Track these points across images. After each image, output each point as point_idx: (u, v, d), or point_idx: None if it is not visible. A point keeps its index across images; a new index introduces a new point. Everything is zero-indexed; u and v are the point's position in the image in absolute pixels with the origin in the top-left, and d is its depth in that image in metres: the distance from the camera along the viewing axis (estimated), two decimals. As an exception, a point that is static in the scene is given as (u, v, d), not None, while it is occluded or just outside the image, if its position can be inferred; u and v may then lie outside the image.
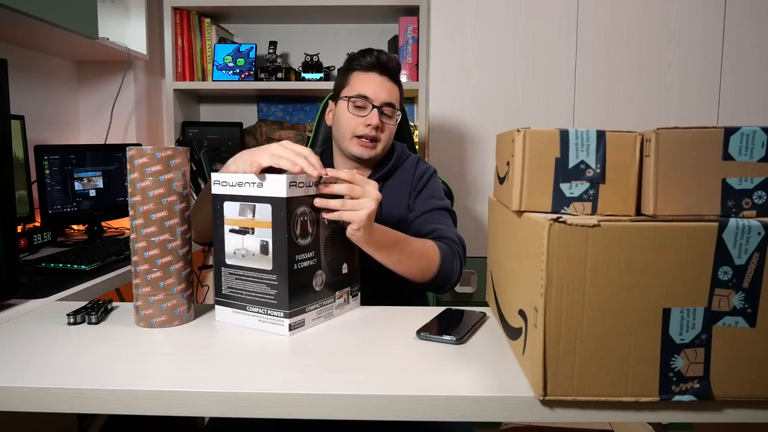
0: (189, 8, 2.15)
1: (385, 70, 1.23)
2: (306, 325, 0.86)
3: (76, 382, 0.67)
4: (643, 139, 0.69)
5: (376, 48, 1.26)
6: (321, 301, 0.89)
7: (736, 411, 0.64)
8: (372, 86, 1.21)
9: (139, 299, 0.87)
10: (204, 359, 0.74)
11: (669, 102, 1.84)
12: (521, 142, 0.71)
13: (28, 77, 1.85)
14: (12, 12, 1.33)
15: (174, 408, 0.66)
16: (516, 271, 0.76)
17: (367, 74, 1.23)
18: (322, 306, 0.89)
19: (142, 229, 0.85)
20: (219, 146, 2.24)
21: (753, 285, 0.61)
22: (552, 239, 0.61)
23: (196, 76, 2.19)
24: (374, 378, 0.69)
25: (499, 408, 0.65)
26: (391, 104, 1.22)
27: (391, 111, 1.23)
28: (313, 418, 0.65)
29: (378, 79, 1.22)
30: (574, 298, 0.62)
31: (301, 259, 0.84)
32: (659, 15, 1.82)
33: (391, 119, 1.24)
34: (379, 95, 1.21)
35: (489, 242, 0.97)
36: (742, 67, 1.82)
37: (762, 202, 0.66)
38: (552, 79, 1.85)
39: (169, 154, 0.85)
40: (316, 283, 0.87)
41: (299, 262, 0.84)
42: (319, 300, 0.88)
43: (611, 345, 0.62)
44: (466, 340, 0.82)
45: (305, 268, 0.85)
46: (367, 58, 1.23)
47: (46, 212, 1.65)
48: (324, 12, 2.19)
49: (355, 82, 1.23)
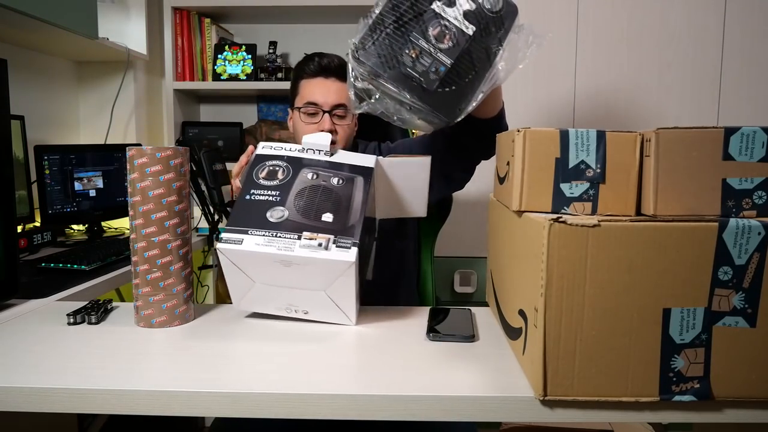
0: (189, 8, 2.15)
1: (329, 72, 1.24)
2: (244, 245, 0.81)
3: (76, 382, 0.67)
4: (643, 139, 0.69)
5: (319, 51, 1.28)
6: (275, 231, 0.83)
7: (736, 411, 0.64)
8: (319, 91, 1.23)
9: (139, 299, 0.87)
10: (204, 359, 0.74)
11: (669, 102, 1.84)
12: (521, 142, 0.71)
13: (28, 77, 1.85)
14: (12, 12, 1.33)
15: (174, 408, 0.66)
16: (516, 271, 0.76)
17: (313, 80, 1.25)
18: (274, 236, 0.82)
19: (142, 229, 0.85)
20: (219, 146, 2.24)
21: (753, 285, 0.61)
22: (552, 239, 0.61)
23: (196, 76, 2.19)
24: (374, 378, 0.69)
25: (499, 408, 0.65)
26: (341, 105, 1.23)
27: (343, 111, 1.24)
28: (313, 417, 0.65)
29: (324, 83, 1.24)
30: (574, 298, 0.62)
31: (257, 194, 0.87)
32: (659, 15, 1.82)
33: (344, 119, 1.24)
34: (327, 99, 1.22)
35: (489, 242, 0.97)
36: (742, 67, 1.82)
37: (762, 202, 0.66)
38: (552, 79, 1.85)
39: (169, 154, 0.85)
40: (272, 215, 0.85)
41: (253, 195, 0.87)
42: (271, 229, 0.83)
43: (611, 345, 0.62)
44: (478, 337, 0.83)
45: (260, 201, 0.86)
46: (309, 65, 1.25)
47: (46, 212, 1.65)
48: (324, 12, 2.19)
49: (303, 90, 1.26)
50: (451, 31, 0.85)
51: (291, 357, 0.75)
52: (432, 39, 0.85)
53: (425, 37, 0.85)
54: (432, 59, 0.85)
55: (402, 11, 0.85)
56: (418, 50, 0.84)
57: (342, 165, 0.93)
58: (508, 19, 0.88)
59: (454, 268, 1.90)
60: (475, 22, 0.86)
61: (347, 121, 1.25)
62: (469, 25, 0.85)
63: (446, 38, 0.85)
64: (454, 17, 0.85)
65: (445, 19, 0.85)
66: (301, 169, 0.91)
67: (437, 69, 0.85)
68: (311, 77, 1.25)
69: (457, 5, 0.86)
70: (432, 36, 0.85)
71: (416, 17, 0.85)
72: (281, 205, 0.86)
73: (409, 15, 0.84)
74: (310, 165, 0.92)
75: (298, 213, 0.86)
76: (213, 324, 0.89)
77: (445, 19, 0.85)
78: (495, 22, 0.87)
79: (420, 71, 0.85)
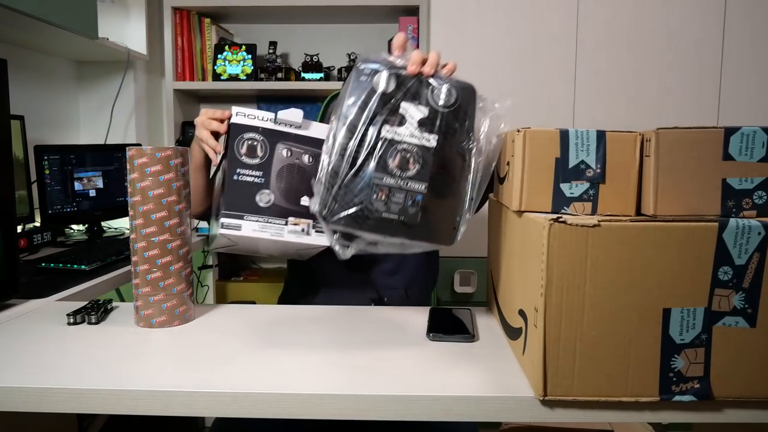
0: (189, 8, 2.15)
1: None
2: (243, 230, 0.91)
3: (76, 382, 0.67)
4: (643, 139, 0.69)
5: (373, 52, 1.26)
6: (266, 217, 0.92)
7: (736, 411, 0.64)
8: None
9: (139, 299, 0.87)
10: (204, 359, 0.74)
11: (669, 102, 1.84)
12: (521, 142, 0.71)
13: (28, 77, 1.85)
14: (12, 12, 1.33)
15: (174, 408, 0.66)
16: (516, 271, 0.76)
17: None
18: (267, 222, 0.92)
19: (142, 229, 0.85)
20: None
21: (753, 285, 0.61)
22: (552, 239, 0.61)
23: (196, 76, 2.19)
24: (374, 378, 0.69)
25: (499, 408, 0.65)
26: None
27: None
28: (313, 417, 0.65)
29: None
30: (574, 298, 0.62)
31: (243, 174, 0.92)
32: (659, 15, 1.82)
33: None
34: None
35: (489, 242, 0.97)
36: (742, 67, 1.82)
37: (762, 202, 0.66)
38: (552, 79, 1.85)
39: (169, 154, 0.85)
40: (261, 199, 0.92)
41: (240, 175, 0.91)
42: (262, 215, 0.92)
43: (611, 345, 0.62)
44: (478, 337, 0.83)
45: (248, 183, 0.91)
46: None
47: (46, 212, 1.65)
48: (324, 12, 2.19)
49: None
50: (413, 152, 0.74)
51: (291, 357, 0.75)
52: (396, 171, 0.73)
53: (388, 173, 0.73)
54: (404, 192, 0.74)
55: (352, 155, 0.73)
56: (386, 190, 0.73)
57: (312, 140, 0.97)
58: (469, 105, 0.77)
59: (454, 268, 1.90)
60: (435, 129, 0.75)
61: None
62: (429, 135, 0.74)
63: (410, 163, 0.74)
64: (410, 135, 0.74)
65: (402, 143, 0.74)
66: (276, 144, 0.94)
67: (414, 200, 0.74)
68: None
69: (408, 120, 0.74)
70: (394, 168, 0.73)
71: (369, 156, 0.73)
72: (266, 187, 0.92)
73: (360, 156, 0.73)
74: (283, 139, 0.95)
75: (282, 197, 0.93)
76: (213, 324, 0.89)
77: (401, 143, 0.73)
78: (455, 116, 0.76)
79: (397, 210, 0.74)
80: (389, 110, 0.74)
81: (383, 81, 0.74)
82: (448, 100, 0.76)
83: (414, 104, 0.75)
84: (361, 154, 0.73)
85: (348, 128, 0.73)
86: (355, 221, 0.73)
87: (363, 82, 0.75)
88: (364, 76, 0.75)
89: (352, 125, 0.73)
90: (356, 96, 0.74)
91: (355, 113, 0.73)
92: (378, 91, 0.74)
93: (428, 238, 0.76)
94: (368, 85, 0.74)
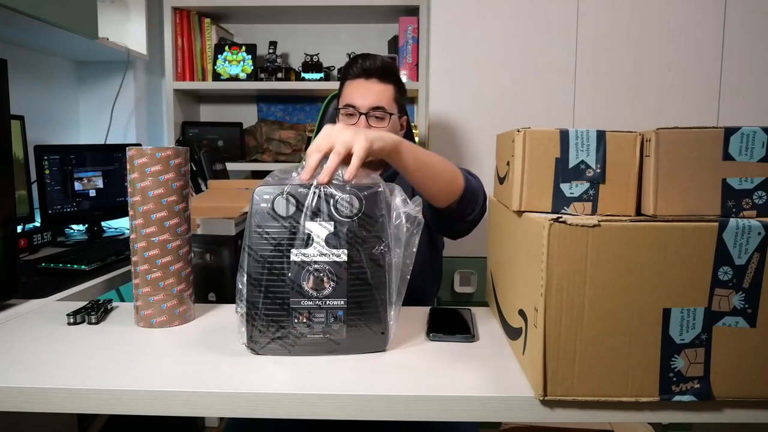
0: (189, 8, 2.15)
1: (371, 73, 1.23)
2: None
3: (76, 382, 0.67)
4: (643, 139, 0.69)
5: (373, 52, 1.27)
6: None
7: (736, 411, 0.64)
8: (358, 93, 1.23)
9: (139, 299, 0.87)
10: (204, 359, 0.74)
11: (669, 102, 1.84)
12: (521, 142, 0.71)
13: (28, 77, 1.85)
14: (12, 12, 1.33)
15: (174, 408, 0.66)
16: (516, 271, 0.76)
17: (354, 82, 1.25)
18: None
19: (142, 229, 0.85)
20: (219, 146, 2.24)
21: (753, 285, 0.61)
22: (552, 239, 0.61)
23: (196, 76, 2.19)
24: (375, 378, 0.69)
25: (499, 408, 0.65)
26: (379, 107, 1.22)
27: (381, 113, 1.23)
28: (313, 418, 0.65)
29: (364, 84, 1.24)
30: (574, 298, 0.62)
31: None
32: (659, 15, 1.82)
33: (381, 121, 1.23)
34: (364, 101, 1.22)
35: (489, 242, 0.97)
36: (742, 67, 1.82)
37: (762, 202, 0.66)
38: (552, 79, 1.85)
39: (169, 154, 0.85)
40: None
41: None
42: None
43: (611, 345, 0.62)
44: (478, 337, 0.83)
45: None
46: (353, 67, 1.25)
47: (46, 212, 1.65)
48: (324, 12, 2.19)
49: (345, 92, 1.26)
50: (325, 270, 0.73)
51: (291, 357, 0.75)
52: (312, 292, 0.73)
53: (304, 295, 0.72)
54: (324, 312, 0.73)
55: (264, 284, 0.72)
56: (305, 313, 0.73)
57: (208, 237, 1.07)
58: (374, 208, 0.75)
59: (454, 268, 1.90)
60: (342, 241, 0.73)
61: (384, 123, 1.24)
62: (338, 251, 0.73)
63: (325, 281, 0.73)
64: (319, 255, 0.73)
65: (312, 263, 0.72)
66: None
67: (336, 316, 0.74)
68: (353, 79, 1.25)
69: (313, 240, 0.73)
70: (310, 289, 0.73)
71: (280, 282, 0.72)
72: None
73: (272, 284, 0.72)
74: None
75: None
76: (213, 324, 0.89)
77: (311, 264, 0.72)
78: (362, 224, 0.74)
79: (321, 330, 0.74)
80: (293, 233, 0.73)
81: (281, 206, 0.73)
82: (350, 210, 0.74)
83: (317, 222, 0.73)
84: (274, 281, 0.73)
85: (256, 260, 0.73)
86: (284, 347, 0.74)
87: (263, 209, 0.73)
88: (264, 203, 0.73)
89: (260, 256, 0.73)
90: (258, 225, 0.73)
91: (262, 243, 0.73)
92: (279, 215, 0.73)
93: (360, 349, 0.76)
94: (269, 211, 0.73)
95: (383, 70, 1.24)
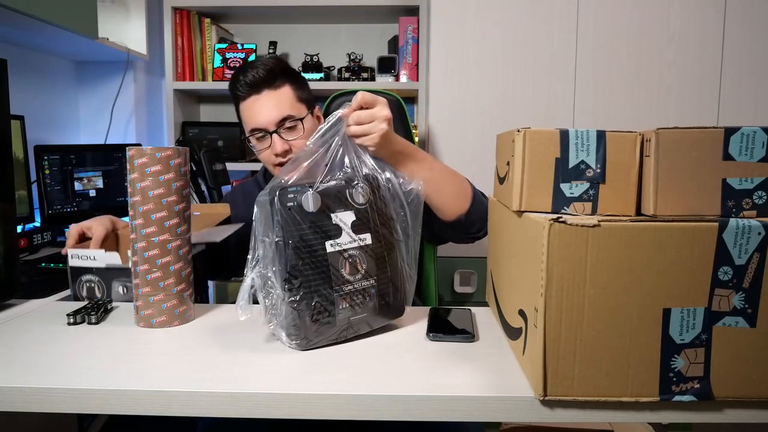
0: (189, 8, 2.15)
1: (258, 84, 1.12)
2: None
3: (76, 382, 0.67)
4: (643, 139, 0.69)
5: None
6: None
7: (736, 411, 0.64)
8: (257, 112, 1.13)
9: (139, 299, 0.87)
10: (204, 359, 0.74)
11: (669, 102, 1.84)
12: (521, 142, 0.71)
13: (28, 77, 1.85)
14: (12, 12, 1.33)
15: (174, 408, 0.66)
16: (516, 271, 0.76)
17: (247, 102, 1.14)
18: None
19: (142, 229, 0.85)
20: (219, 146, 2.24)
21: (753, 285, 0.61)
22: (552, 239, 0.61)
23: (196, 76, 2.19)
24: (374, 378, 0.69)
25: (499, 408, 0.65)
26: (287, 117, 1.13)
27: (291, 122, 1.13)
28: (313, 418, 0.65)
29: (257, 101, 1.13)
30: (574, 298, 0.62)
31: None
32: (659, 15, 1.82)
33: (293, 131, 1.14)
34: (268, 118, 1.12)
35: (489, 242, 0.97)
36: (742, 67, 1.82)
37: (762, 202, 0.65)
38: (552, 79, 1.85)
39: (169, 154, 0.85)
40: None
41: None
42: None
43: (611, 345, 0.62)
44: (478, 337, 0.83)
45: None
46: (237, 87, 1.15)
47: (46, 212, 1.65)
48: (324, 12, 2.19)
49: (244, 116, 1.16)
50: (355, 256, 0.80)
51: (291, 357, 0.75)
52: (348, 277, 0.79)
53: (343, 281, 0.79)
54: (361, 293, 0.80)
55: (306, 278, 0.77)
56: (347, 298, 0.79)
57: None
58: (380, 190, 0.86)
59: (454, 268, 1.90)
60: (365, 226, 0.82)
61: (299, 132, 1.14)
62: (363, 235, 0.81)
63: (358, 265, 0.80)
64: (349, 242, 0.80)
65: (345, 251, 0.79)
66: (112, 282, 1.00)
67: (370, 294, 0.81)
68: (244, 99, 1.14)
69: (343, 229, 0.80)
70: (346, 275, 0.79)
71: (323, 274, 0.78)
72: None
73: (317, 278, 0.77)
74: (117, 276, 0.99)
75: None
76: (213, 324, 0.89)
77: (345, 252, 0.79)
78: (375, 207, 0.84)
79: (360, 309, 0.80)
80: (324, 226, 0.79)
81: (309, 202, 0.79)
82: (365, 194, 0.84)
83: (341, 212, 0.81)
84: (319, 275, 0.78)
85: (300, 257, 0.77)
86: (330, 339, 0.80)
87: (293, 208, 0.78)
88: (290, 203, 0.78)
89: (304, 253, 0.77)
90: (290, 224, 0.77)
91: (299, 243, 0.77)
92: (309, 212, 0.78)
93: (390, 317, 0.85)
94: (297, 210, 0.78)
95: (269, 74, 1.13)
